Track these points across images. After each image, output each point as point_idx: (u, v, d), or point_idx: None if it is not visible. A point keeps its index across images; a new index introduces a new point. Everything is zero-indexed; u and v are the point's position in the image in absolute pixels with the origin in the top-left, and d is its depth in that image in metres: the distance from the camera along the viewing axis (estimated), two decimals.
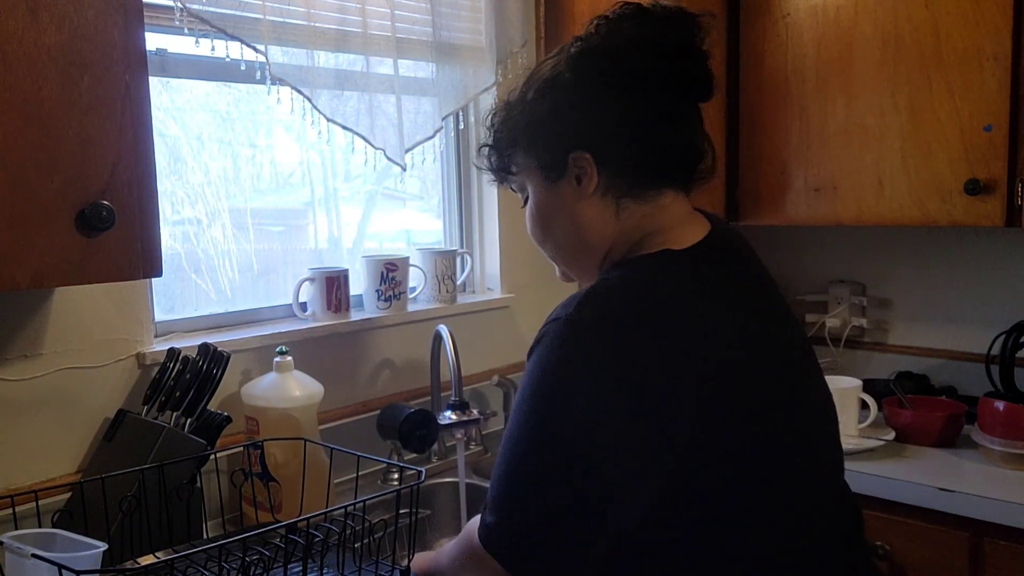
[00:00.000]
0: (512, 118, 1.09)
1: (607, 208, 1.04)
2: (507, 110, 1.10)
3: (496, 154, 1.12)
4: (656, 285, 0.97)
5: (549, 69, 1.06)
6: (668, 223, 1.04)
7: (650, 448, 0.91)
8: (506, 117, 1.10)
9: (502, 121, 1.11)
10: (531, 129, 1.06)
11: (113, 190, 1.14)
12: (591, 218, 1.05)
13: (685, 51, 1.02)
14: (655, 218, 1.04)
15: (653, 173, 1.04)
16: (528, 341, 0.98)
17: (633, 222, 1.04)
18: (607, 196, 1.04)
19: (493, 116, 1.12)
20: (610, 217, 1.05)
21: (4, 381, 1.38)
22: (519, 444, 0.95)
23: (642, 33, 1.02)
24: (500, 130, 1.11)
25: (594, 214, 1.05)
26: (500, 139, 1.11)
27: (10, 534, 1.11)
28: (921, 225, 1.89)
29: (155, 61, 1.56)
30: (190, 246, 1.76)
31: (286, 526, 1.15)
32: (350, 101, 1.76)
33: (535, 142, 1.06)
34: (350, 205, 2.10)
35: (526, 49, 2.14)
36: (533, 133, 1.06)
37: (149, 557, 1.32)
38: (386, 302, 1.92)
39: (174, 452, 1.39)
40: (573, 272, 1.14)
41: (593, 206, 1.05)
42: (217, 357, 1.49)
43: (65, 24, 1.09)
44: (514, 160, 1.10)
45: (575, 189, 1.04)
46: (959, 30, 1.79)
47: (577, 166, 1.03)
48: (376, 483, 1.80)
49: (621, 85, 1.01)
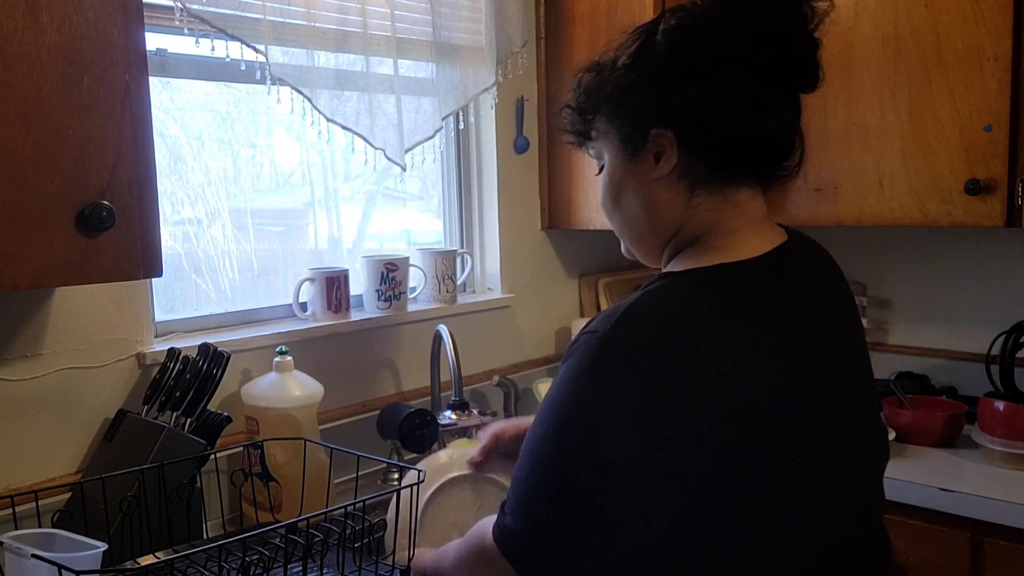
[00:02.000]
0: (600, 81, 1.03)
1: (679, 193, 1.00)
2: (597, 72, 1.04)
3: (578, 117, 1.06)
4: (692, 309, 0.92)
5: (643, 36, 1.00)
6: (737, 224, 0.99)
7: (666, 472, 0.89)
8: (593, 79, 1.04)
9: (589, 83, 1.04)
10: (615, 96, 1.01)
11: (113, 190, 1.14)
12: (661, 200, 1.01)
13: (786, 36, 0.96)
14: (725, 214, 0.99)
15: (734, 163, 0.99)
16: (528, 341, 0.98)
17: (702, 214, 0.99)
18: (681, 180, 0.99)
19: (582, 76, 1.06)
20: (680, 203, 1.00)
21: (4, 381, 1.38)
22: (542, 449, 0.94)
23: (742, 13, 0.96)
24: (585, 92, 1.05)
25: (665, 197, 1.00)
26: (583, 102, 1.05)
27: (10, 534, 1.11)
28: (921, 225, 1.89)
29: (155, 61, 1.56)
30: (190, 246, 1.76)
31: (286, 526, 1.15)
32: (350, 101, 1.76)
33: (618, 111, 1.01)
34: (350, 205, 2.10)
35: (526, 49, 2.14)
36: (617, 101, 1.01)
37: (149, 557, 1.32)
38: (386, 302, 1.92)
39: (174, 452, 1.39)
40: (636, 251, 1.09)
41: (665, 188, 1.00)
42: (217, 357, 1.49)
43: (65, 24, 1.09)
44: (595, 125, 1.05)
45: (650, 167, 1.00)
46: (959, 30, 1.78)
47: (657, 143, 0.98)
48: (376, 483, 1.80)
49: (714, 65, 0.95)
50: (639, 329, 0.91)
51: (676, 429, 0.88)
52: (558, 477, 0.92)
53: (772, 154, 1.00)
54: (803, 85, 1.00)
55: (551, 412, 0.94)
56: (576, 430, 0.91)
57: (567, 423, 0.92)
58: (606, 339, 0.91)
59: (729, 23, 0.96)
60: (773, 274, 0.98)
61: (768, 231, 1.01)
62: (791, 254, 1.01)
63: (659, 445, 0.88)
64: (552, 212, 2.28)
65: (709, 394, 0.89)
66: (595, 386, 0.91)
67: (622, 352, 0.90)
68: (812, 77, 0.99)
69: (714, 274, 0.96)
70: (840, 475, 0.99)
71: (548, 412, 0.94)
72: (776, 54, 0.96)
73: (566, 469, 0.92)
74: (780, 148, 1.00)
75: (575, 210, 2.23)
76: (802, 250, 1.04)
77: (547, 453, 0.93)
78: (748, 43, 0.95)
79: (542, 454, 0.94)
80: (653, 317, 0.91)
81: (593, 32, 2.13)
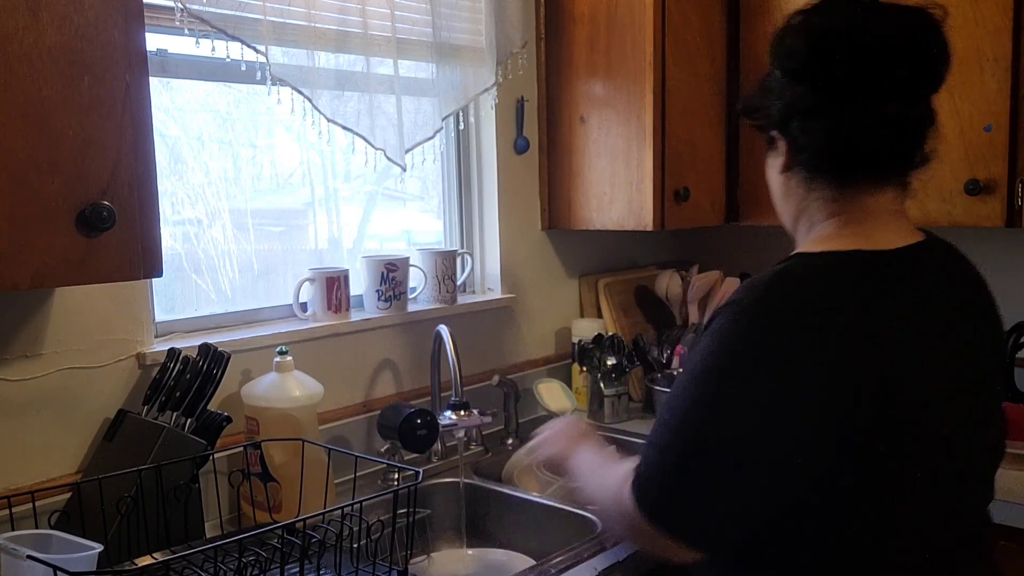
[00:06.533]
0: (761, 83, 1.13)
1: (799, 186, 1.10)
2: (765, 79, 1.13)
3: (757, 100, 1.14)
4: (827, 292, 0.99)
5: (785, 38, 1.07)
6: (861, 216, 1.06)
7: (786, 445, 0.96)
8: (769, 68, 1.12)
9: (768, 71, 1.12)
10: (761, 92, 1.12)
11: (113, 190, 1.14)
12: (785, 190, 1.13)
13: (898, 46, 1.01)
14: (845, 207, 1.06)
15: (846, 165, 1.06)
16: (528, 341, 0.99)
17: (821, 204, 1.08)
18: (799, 174, 1.09)
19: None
20: (801, 194, 1.11)
21: (4, 381, 1.38)
22: (677, 408, 1.01)
23: (856, 23, 1.02)
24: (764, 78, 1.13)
25: (787, 187, 1.13)
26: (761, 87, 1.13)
27: (5, 535, 1.11)
28: (921, 225, 1.89)
29: (155, 61, 1.56)
30: (190, 246, 1.76)
31: (283, 527, 1.15)
32: (350, 101, 1.76)
33: (761, 106, 1.12)
34: (350, 205, 2.10)
35: (526, 49, 2.14)
36: (761, 97, 1.12)
37: (147, 558, 1.31)
38: (386, 302, 1.92)
39: (174, 452, 1.39)
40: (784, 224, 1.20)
41: (787, 180, 1.12)
42: (217, 357, 1.49)
43: (65, 24, 1.09)
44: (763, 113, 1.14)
45: (776, 160, 1.12)
46: (959, 31, 1.78)
47: (777, 142, 1.11)
48: (376, 483, 1.80)
49: (824, 72, 1.02)
50: (766, 303, 0.99)
51: (792, 405, 0.95)
52: (691, 445, 0.99)
53: (888, 158, 1.06)
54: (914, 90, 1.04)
55: (688, 382, 1.01)
56: (709, 391, 0.99)
57: (703, 384, 0.99)
58: (737, 309, 0.99)
59: (858, 34, 1.01)
60: (907, 268, 1.04)
61: (900, 228, 1.07)
62: (926, 254, 1.07)
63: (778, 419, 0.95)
64: (552, 212, 2.28)
65: (839, 376, 0.95)
66: (732, 358, 0.98)
67: (760, 328, 0.98)
68: (919, 83, 1.04)
69: (851, 259, 1.02)
70: (959, 465, 1.04)
71: (686, 381, 1.01)
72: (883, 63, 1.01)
73: (698, 438, 0.99)
74: (896, 151, 1.06)
75: (575, 210, 2.23)
76: (938, 253, 1.10)
77: (681, 410, 1.00)
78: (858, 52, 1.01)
79: (676, 420, 1.00)
80: (778, 294, 0.99)
81: (593, 32, 2.13)
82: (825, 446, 0.95)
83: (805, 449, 0.96)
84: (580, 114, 2.18)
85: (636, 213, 2.10)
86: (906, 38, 1.01)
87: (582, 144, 2.18)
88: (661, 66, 2.05)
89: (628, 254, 2.58)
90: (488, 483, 1.82)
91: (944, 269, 1.10)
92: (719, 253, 2.60)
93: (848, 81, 1.01)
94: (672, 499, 1.00)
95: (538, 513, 1.70)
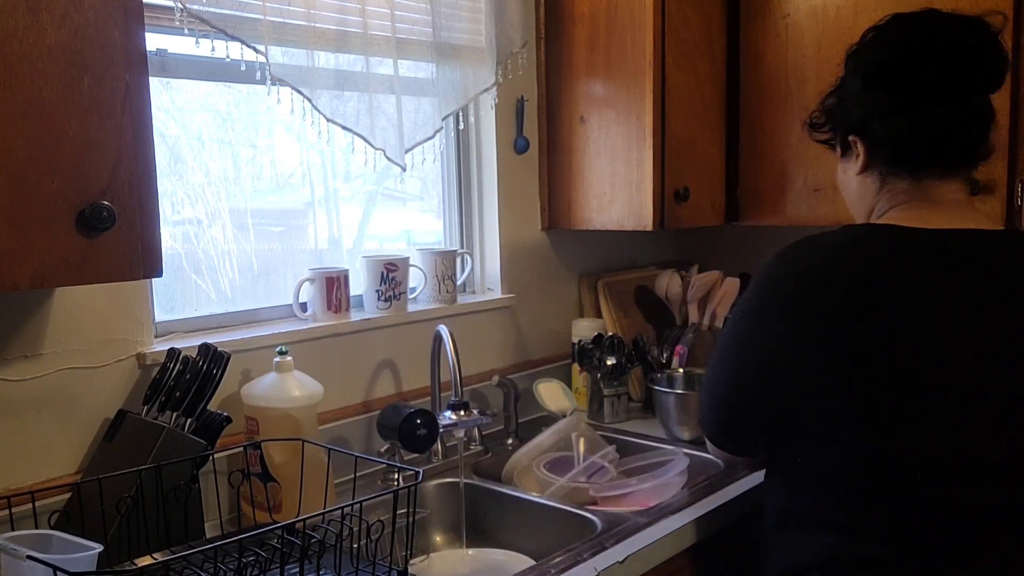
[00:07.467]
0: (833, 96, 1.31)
1: (873, 183, 1.26)
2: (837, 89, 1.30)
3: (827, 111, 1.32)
4: (849, 247, 1.15)
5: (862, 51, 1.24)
6: (925, 204, 1.20)
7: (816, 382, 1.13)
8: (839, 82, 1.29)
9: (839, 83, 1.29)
10: (835, 103, 1.29)
11: (113, 190, 1.14)
12: (860, 190, 1.29)
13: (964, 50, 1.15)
14: (913, 196, 1.21)
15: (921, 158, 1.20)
16: (528, 341, 0.99)
17: (892, 197, 1.23)
18: (874, 173, 1.25)
19: None
20: (874, 191, 1.26)
21: (4, 381, 1.38)
22: (720, 348, 1.28)
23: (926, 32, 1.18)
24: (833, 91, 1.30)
25: (862, 187, 1.28)
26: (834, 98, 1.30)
27: (5, 535, 1.11)
28: None
29: (155, 61, 1.56)
30: (190, 246, 1.76)
31: (283, 527, 1.15)
32: (350, 101, 1.76)
33: (833, 116, 1.30)
34: (350, 205, 2.10)
35: (526, 49, 2.14)
36: (834, 108, 1.29)
37: (147, 559, 1.31)
38: (386, 302, 1.92)
39: (174, 452, 1.39)
40: None
41: (862, 180, 1.28)
42: (217, 357, 1.49)
43: (65, 24, 1.09)
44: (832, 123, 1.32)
45: (852, 163, 1.28)
46: None
47: (854, 147, 1.26)
48: (376, 483, 1.80)
49: (901, 76, 1.18)
50: (789, 262, 1.19)
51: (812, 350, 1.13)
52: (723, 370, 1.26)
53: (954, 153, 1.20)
54: (989, 88, 1.19)
55: (729, 321, 1.27)
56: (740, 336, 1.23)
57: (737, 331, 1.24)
58: (766, 267, 1.21)
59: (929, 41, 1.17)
60: (944, 244, 1.14)
61: (962, 215, 1.19)
62: (981, 237, 1.16)
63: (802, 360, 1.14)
64: (552, 212, 2.28)
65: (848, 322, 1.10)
66: (753, 301, 1.22)
67: (773, 277, 1.19)
68: (978, 81, 1.18)
69: (886, 230, 1.17)
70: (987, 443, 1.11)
71: (728, 321, 1.27)
72: (944, 65, 1.15)
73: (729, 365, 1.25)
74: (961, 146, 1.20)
75: (575, 210, 2.23)
76: (1003, 241, 1.18)
77: (721, 350, 1.27)
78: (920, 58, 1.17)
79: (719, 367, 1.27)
80: (802, 253, 1.18)
81: (593, 32, 2.13)
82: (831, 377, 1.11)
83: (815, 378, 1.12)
84: (580, 114, 2.18)
85: (636, 213, 2.10)
86: (971, 43, 1.14)
87: (582, 144, 2.18)
88: (661, 66, 2.05)
89: (628, 254, 2.58)
90: (488, 483, 1.82)
91: (1002, 254, 1.17)
92: (719, 253, 2.60)
93: (923, 82, 1.15)
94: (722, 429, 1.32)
95: (538, 513, 1.70)
